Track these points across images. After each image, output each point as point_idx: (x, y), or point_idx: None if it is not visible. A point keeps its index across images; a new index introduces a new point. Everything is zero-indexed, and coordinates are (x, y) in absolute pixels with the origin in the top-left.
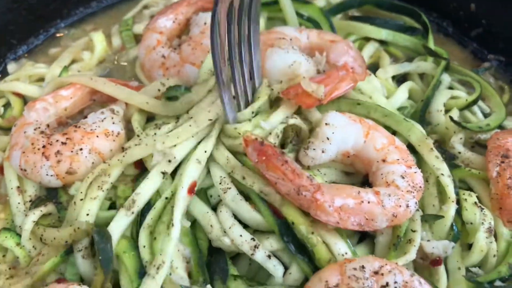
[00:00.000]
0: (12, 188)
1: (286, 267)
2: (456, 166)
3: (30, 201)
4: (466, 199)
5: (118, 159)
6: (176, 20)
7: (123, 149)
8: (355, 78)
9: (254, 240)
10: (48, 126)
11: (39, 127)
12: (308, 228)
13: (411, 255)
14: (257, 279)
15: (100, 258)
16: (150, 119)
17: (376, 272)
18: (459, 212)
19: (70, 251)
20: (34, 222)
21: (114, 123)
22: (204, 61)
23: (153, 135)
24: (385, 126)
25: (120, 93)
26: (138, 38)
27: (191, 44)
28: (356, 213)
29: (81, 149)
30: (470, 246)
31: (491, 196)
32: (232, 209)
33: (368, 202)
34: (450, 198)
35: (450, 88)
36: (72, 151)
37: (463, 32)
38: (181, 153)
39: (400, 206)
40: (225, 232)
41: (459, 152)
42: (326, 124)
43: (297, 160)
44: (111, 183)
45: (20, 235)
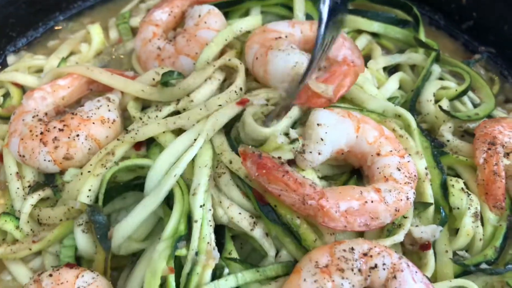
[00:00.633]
0: (11, 174)
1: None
2: (445, 153)
3: (29, 186)
4: (453, 185)
5: (131, 136)
6: (172, 13)
7: (127, 131)
8: (356, 72)
9: (253, 218)
10: (46, 114)
11: (37, 115)
12: (291, 211)
13: (399, 236)
14: (248, 261)
15: (98, 236)
16: (144, 108)
17: (365, 254)
18: (446, 198)
19: None
20: (32, 205)
21: (110, 111)
22: (201, 52)
23: (155, 117)
24: None
25: (116, 82)
26: (134, 31)
27: (186, 36)
28: (361, 214)
29: (77, 135)
30: (457, 231)
31: (477, 182)
32: (224, 193)
33: (372, 202)
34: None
35: (441, 78)
36: (69, 137)
37: (455, 25)
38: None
39: (401, 200)
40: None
41: (448, 140)
42: (318, 124)
43: (293, 163)
44: (115, 162)
45: (19, 219)
